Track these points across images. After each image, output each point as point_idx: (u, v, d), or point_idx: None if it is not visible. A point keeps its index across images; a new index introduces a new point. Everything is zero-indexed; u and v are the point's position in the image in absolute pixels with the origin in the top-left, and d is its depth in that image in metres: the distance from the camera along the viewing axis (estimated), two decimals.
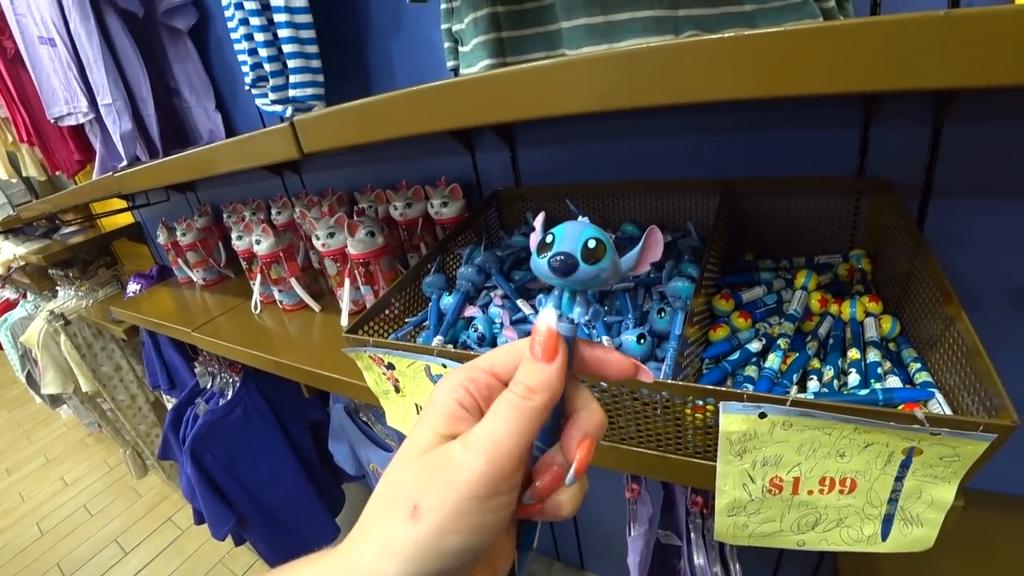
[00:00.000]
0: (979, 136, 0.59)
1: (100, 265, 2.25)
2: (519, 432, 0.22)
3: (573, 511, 0.25)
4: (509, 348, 0.26)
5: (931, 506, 0.40)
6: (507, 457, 0.22)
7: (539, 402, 0.23)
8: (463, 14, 0.55)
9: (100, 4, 1.09)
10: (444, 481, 0.22)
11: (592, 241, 0.23)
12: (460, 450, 0.22)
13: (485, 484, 0.21)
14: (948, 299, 0.45)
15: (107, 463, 2.67)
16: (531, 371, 0.24)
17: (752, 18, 0.45)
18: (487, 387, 0.25)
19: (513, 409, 0.23)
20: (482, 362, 0.26)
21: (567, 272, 0.23)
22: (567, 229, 0.24)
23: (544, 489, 0.25)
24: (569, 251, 0.23)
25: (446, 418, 0.24)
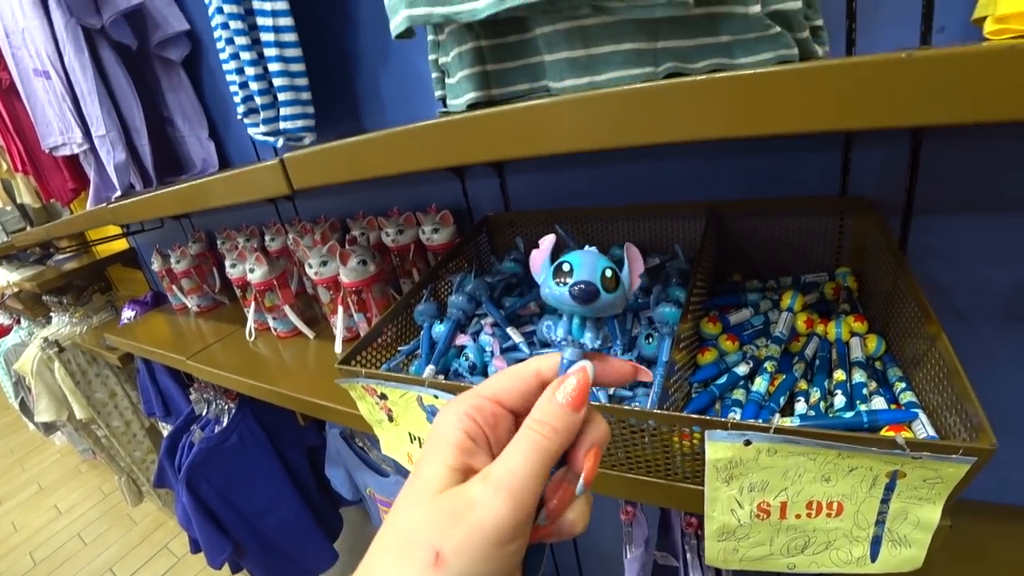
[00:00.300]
0: (957, 154, 0.60)
1: (94, 291, 2.25)
2: (542, 470, 0.22)
3: (585, 527, 0.25)
4: (511, 374, 0.26)
5: (918, 527, 0.40)
6: (531, 498, 0.22)
7: (562, 444, 0.23)
8: (449, 48, 0.56)
9: (94, 37, 1.11)
10: (467, 526, 0.21)
11: (608, 271, 0.24)
12: (482, 491, 0.21)
13: (510, 528, 0.21)
14: (928, 318, 0.46)
15: (102, 490, 2.64)
16: (557, 414, 0.24)
17: (729, 49, 0.46)
18: (492, 415, 0.25)
19: (537, 449, 0.23)
20: (485, 390, 0.26)
21: (588, 300, 0.24)
22: (583, 259, 0.24)
23: (558, 508, 0.24)
24: (590, 280, 0.24)
25: (455, 450, 0.23)
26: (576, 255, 0.25)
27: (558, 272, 0.24)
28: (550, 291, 0.25)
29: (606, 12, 0.44)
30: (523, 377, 0.26)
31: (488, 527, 0.20)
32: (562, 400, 0.24)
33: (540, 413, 0.24)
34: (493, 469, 0.22)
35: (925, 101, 0.27)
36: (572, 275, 0.24)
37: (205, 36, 1.15)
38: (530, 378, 0.26)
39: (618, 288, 0.24)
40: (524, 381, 0.26)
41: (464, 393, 0.26)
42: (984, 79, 0.25)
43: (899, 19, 0.56)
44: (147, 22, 1.12)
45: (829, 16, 0.55)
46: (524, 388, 0.26)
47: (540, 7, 0.43)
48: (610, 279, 0.24)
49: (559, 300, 0.24)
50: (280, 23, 0.79)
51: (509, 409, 0.26)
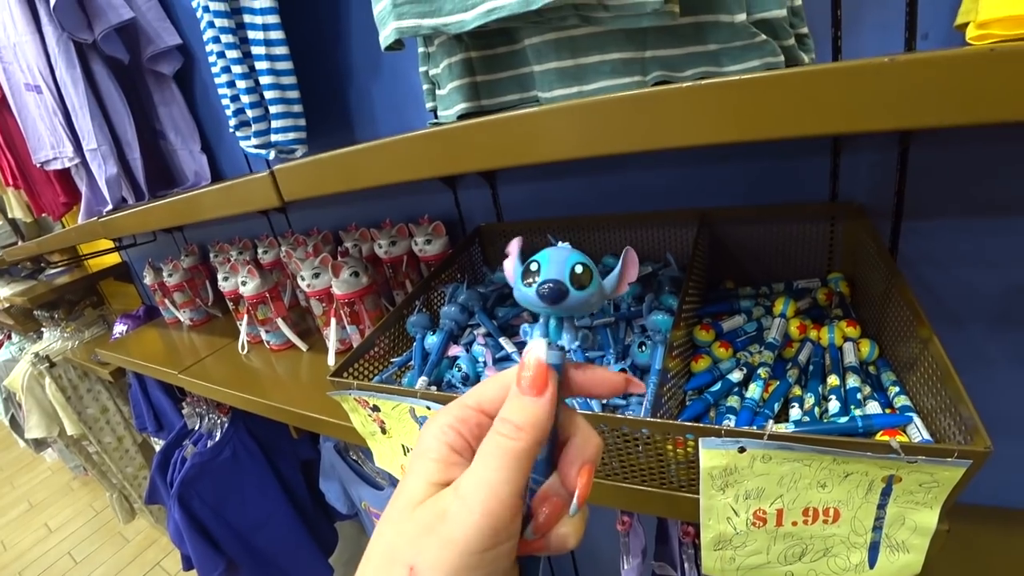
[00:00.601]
0: (944, 158, 0.61)
1: (86, 305, 2.23)
2: (512, 476, 0.21)
3: (578, 542, 0.24)
4: (496, 381, 0.25)
5: (915, 532, 0.40)
6: (503, 505, 0.21)
7: (529, 441, 0.22)
8: (439, 59, 0.56)
9: (86, 51, 1.11)
10: (440, 539, 0.20)
11: (579, 266, 0.23)
12: (451, 502, 0.21)
13: (483, 538, 0.20)
14: (920, 322, 0.46)
15: (93, 507, 2.60)
16: (518, 407, 0.23)
17: (716, 57, 0.46)
18: (477, 426, 0.24)
19: (502, 453, 0.22)
20: (469, 399, 0.25)
21: (557, 299, 0.22)
22: (551, 256, 0.23)
23: (547, 523, 0.23)
24: (557, 278, 0.22)
25: (437, 464, 0.23)
26: (544, 253, 0.23)
27: (527, 272, 0.23)
28: (520, 293, 0.23)
29: (593, 22, 0.45)
30: (507, 384, 0.25)
31: (459, 538, 0.20)
32: (520, 390, 0.23)
33: (504, 411, 0.23)
34: (464, 478, 0.22)
35: (909, 104, 0.28)
36: (540, 274, 0.23)
37: (197, 50, 1.15)
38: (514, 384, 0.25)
39: (591, 284, 0.23)
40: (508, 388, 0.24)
41: (449, 404, 0.25)
42: (966, 82, 0.26)
43: (884, 26, 0.57)
44: (139, 36, 1.13)
45: (815, 24, 0.55)
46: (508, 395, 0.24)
47: (528, 18, 0.44)
48: (581, 275, 0.22)
49: (529, 301, 0.23)
50: (271, 36, 0.80)
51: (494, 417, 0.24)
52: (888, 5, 0.56)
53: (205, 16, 0.81)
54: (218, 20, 0.79)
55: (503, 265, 0.26)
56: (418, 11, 0.45)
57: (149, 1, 1.10)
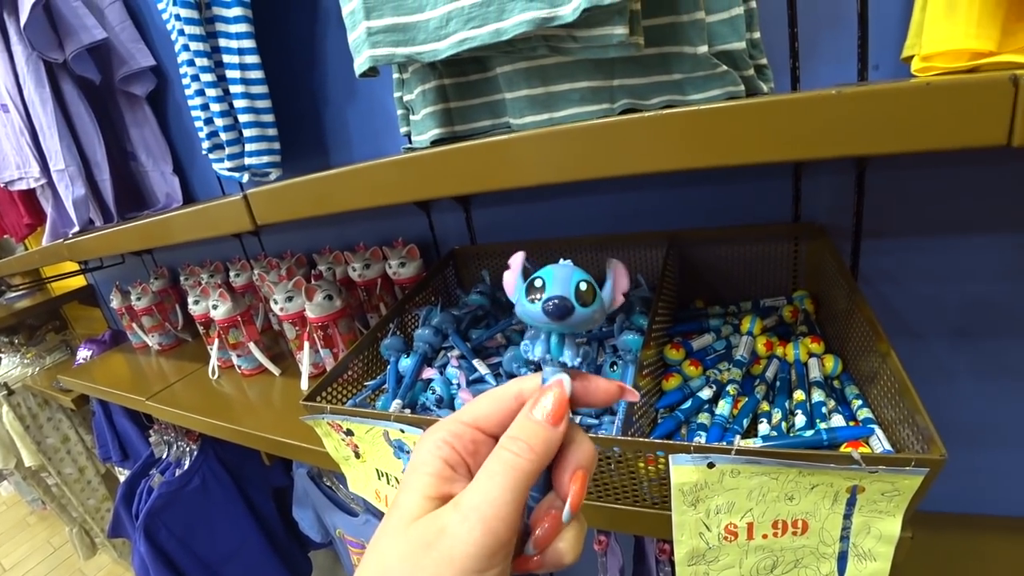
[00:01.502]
0: (900, 180, 0.64)
1: (48, 330, 2.16)
2: (516, 494, 0.21)
3: (575, 557, 0.24)
4: (492, 398, 0.25)
5: (881, 540, 0.41)
6: (504, 523, 0.20)
7: (537, 463, 0.22)
8: (413, 86, 0.57)
9: (56, 71, 1.09)
10: (438, 557, 0.20)
11: (583, 283, 0.23)
12: (452, 518, 0.21)
13: (483, 556, 0.20)
14: (879, 337, 0.48)
15: (51, 543, 2.47)
16: (534, 431, 0.23)
17: (680, 86, 0.48)
18: (472, 442, 0.24)
19: (509, 470, 0.21)
20: (464, 415, 0.25)
21: (563, 316, 0.22)
22: (556, 273, 0.23)
23: (545, 537, 0.23)
24: (563, 294, 0.22)
25: (433, 479, 0.22)
26: (549, 270, 0.24)
27: (531, 288, 0.23)
28: (524, 309, 0.24)
29: (563, 52, 0.46)
30: (504, 400, 0.25)
31: (458, 556, 0.20)
32: (540, 417, 0.23)
33: (514, 430, 0.23)
34: (465, 493, 0.21)
35: (856, 133, 0.29)
36: (545, 290, 0.23)
37: (171, 71, 1.15)
38: (511, 401, 0.25)
39: (595, 301, 0.23)
40: (505, 404, 0.25)
41: (444, 419, 0.25)
42: (906, 112, 0.28)
43: (838, 58, 0.60)
44: (112, 57, 1.12)
45: (774, 55, 0.58)
46: (505, 412, 0.25)
47: (499, 48, 0.45)
48: (585, 292, 0.23)
49: (533, 318, 0.23)
50: (246, 60, 0.80)
51: (490, 434, 0.25)
52: (841, 38, 0.59)
53: (180, 39, 0.81)
54: (193, 43, 0.79)
55: (503, 276, 0.26)
56: (392, 39, 0.46)
57: (123, 22, 1.10)
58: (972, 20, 0.43)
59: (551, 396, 0.23)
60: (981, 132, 0.27)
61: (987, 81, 0.26)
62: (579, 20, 0.38)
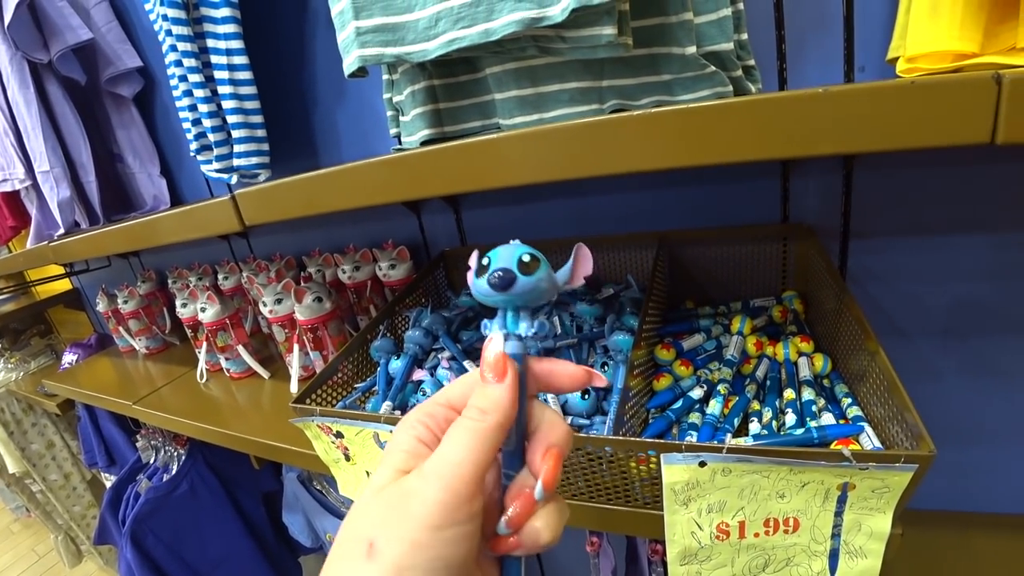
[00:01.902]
0: (886, 181, 0.65)
1: (33, 334, 2.12)
2: (474, 455, 0.22)
3: (553, 539, 0.24)
4: (463, 380, 0.26)
5: (871, 537, 0.41)
6: (463, 482, 0.21)
7: (492, 422, 0.23)
8: (402, 86, 0.57)
9: (40, 71, 1.08)
10: (400, 514, 0.21)
11: (526, 256, 0.24)
12: (415, 480, 0.22)
13: (441, 512, 0.21)
14: (868, 336, 0.48)
15: (35, 552, 2.44)
16: (482, 393, 0.24)
17: (669, 87, 0.49)
18: (445, 420, 0.25)
19: (466, 432, 0.22)
20: (438, 397, 0.26)
21: (506, 286, 0.24)
22: (501, 251, 0.25)
23: (518, 516, 0.23)
24: (506, 266, 0.24)
25: (406, 455, 0.23)
26: (495, 250, 0.25)
27: (480, 269, 0.25)
28: (476, 289, 0.25)
29: (552, 53, 0.46)
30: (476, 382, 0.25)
31: (417, 512, 0.21)
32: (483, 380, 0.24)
33: (470, 401, 0.24)
34: (427, 461, 0.22)
35: (843, 131, 0.30)
36: (489, 267, 0.24)
37: (158, 72, 1.14)
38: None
39: (539, 270, 0.24)
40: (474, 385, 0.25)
41: (421, 403, 0.26)
42: (892, 111, 0.28)
43: (824, 59, 0.61)
44: (98, 57, 1.10)
45: (761, 57, 0.59)
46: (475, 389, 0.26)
47: (489, 48, 0.45)
48: (528, 263, 0.24)
49: (483, 293, 0.25)
50: (234, 60, 0.80)
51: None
52: (828, 40, 0.60)
53: (167, 39, 0.80)
54: (181, 44, 0.78)
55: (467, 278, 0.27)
56: (382, 39, 0.46)
57: (110, 22, 1.08)
58: (955, 22, 0.44)
59: (489, 352, 0.24)
60: (965, 130, 0.27)
61: (970, 80, 0.26)
62: (568, 20, 0.38)
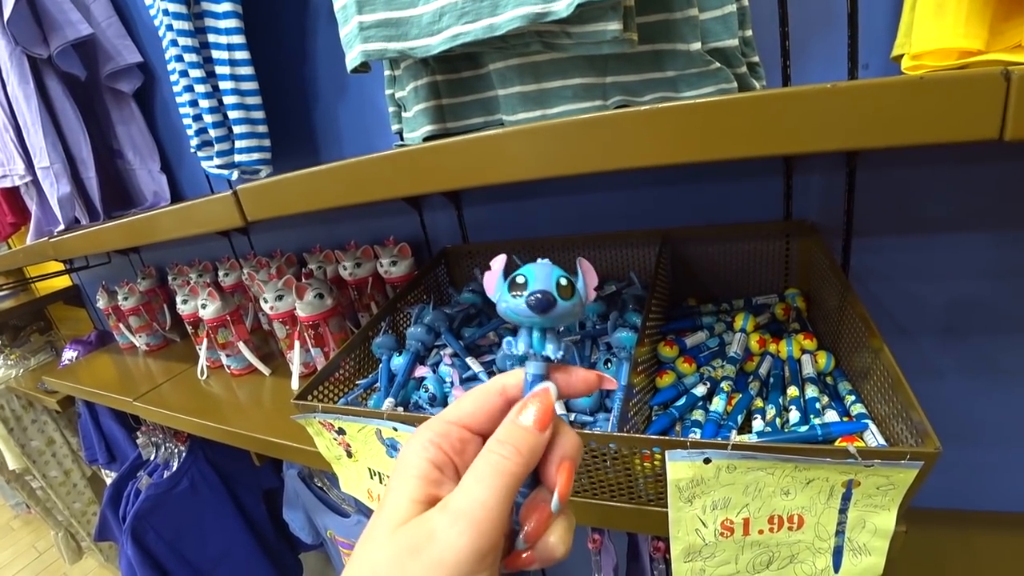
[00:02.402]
0: (889, 179, 0.65)
1: (33, 331, 2.12)
2: (504, 497, 0.21)
3: (566, 552, 0.23)
4: (477, 396, 0.25)
5: (876, 534, 0.41)
6: (493, 526, 0.20)
7: (526, 465, 0.22)
8: (405, 82, 0.57)
9: (40, 67, 1.07)
10: (428, 560, 0.19)
11: (563, 279, 0.24)
12: (441, 521, 0.20)
13: (472, 560, 0.19)
14: (872, 333, 0.48)
15: (36, 548, 2.43)
16: (521, 436, 0.23)
17: (674, 83, 0.48)
18: (459, 441, 0.24)
19: (498, 473, 0.21)
20: (449, 414, 0.25)
21: (546, 309, 0.23)
22: (538, 271, 0.24)
23: (535, 531, 0.23)
24: (545, 289, 0.24)
25: (420, 482, 0.22)
26: (530, 268, 0.25)
27: (513, 285, 0.24)
28: (507, 305, 0.24)
29: (556, 48, 0.46)
30: (488, 398, 0.25)
31: (449, 561, 0.19)
32: (527, 423, 0.23)
33: (502, 434, 0.23)
34: (453, 497, 0.21)
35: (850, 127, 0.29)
36: (527, 287, 0.24)
37: (158, 68, 1.13)
38: (495, 397, 0.25)
39: (574, 296, 0.24)
40: (490, 402, 0.25)
41: (430, 420, 0.25)
42: (900, 107, 0.28)
43: (828, 56, 0.61)
44: (98, 53, 1.10)
45: (765, 54, 0.58)
46: (490, 409, 0.25)
47: (492, 43, 0.45)
48: (565, 287, 0.24)
49: (517, 313, 0.24)
50: (235, 56, 0.79)
51: (476, 432, 0.25)
52: (832, 38, 0.60)
53: (168, 34, 0.80)
54: (182, 39, 0.78)
55: (484, 277, 0.27)
56: (384, 35, 0.46)
57: (110, 17, 1.08)
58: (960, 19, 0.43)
59: (538, 402, 0.24)
60: (974, 126, 0.27)
61: (980, 76, 0.26)
62: (573, 16, 0.38)
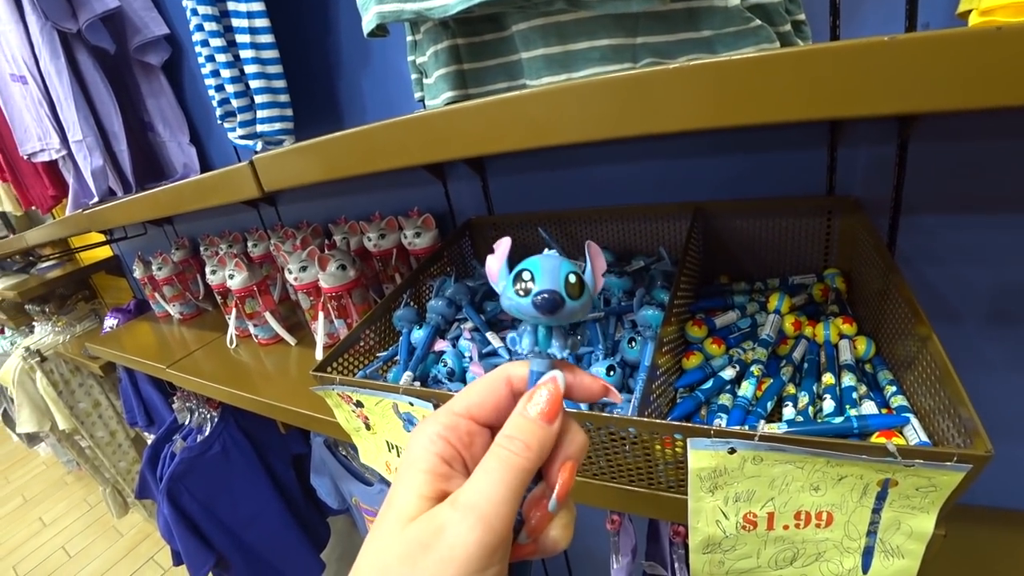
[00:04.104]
0: (945, 153, 0.59)
1: (79, 299, 2.21)
2: (514, 492, 0.21)
3: (567, 543, 0.24)
4: (482, 386, 0.25)
5: (911, 537, 0.39)
6: (502, 521, 0.20)
7: (535, 460, 0.22)
8: (425, 47, 0.55)
9: (71, 41, 1.08)
10: (437, 557, 0.19)
11: (572, 276, 0.22)
12: (451, 517, 0.20)
13: (483, 555, 0.19)
14: (919, 319, 0.45)
15: (87, 502, 2.59)
16: (529, 429, 0.22)
17: (710, 44, 0.45)
18: (467, 434, 0.24)
19: (507, 468, 0.21)
20: (457, 405, 0.24)
21: (554, 310, 0.22)
22: (544, 264, 0.22)
23: (539, 525, 0.23)
24: (553, 288, 0.22)
25: (428, 476, 0.22)
26: (536, 261, 0.23)
27: (518, 280, 0.23)
28: (511, 302, 0.23)
29: (582, 7, 0.43)
30: (495, 387, 0.25)
31: (459, 556, 0.19)
32: (534, 414, 0.23)
33: (511, 429, 0.23)
34: (463, 492, 0.21)
35: (911, 86, 0.26)
36: (534, 283, 0.22)
37: (185, 40, 1.13)
38: (501, 388, 0.25)
39: (583, 294, 0.23)
40: (496, 393, 0.25)
41: (437, 411, 0.25)
42: (972, 63, 0.24)
43: (883, 14, 0.56)
44: (126, 26, 1.10)
45: (813, 11, 0.54)
46: (497, 400, 0.24)
47: (514, 3, 0.42)
48: (574, 285, 0.22)
49: (521, 311, 0.23)
50: (256, 24, 0.78)
51: (484, 423, 0.24)
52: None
53: (189, 3, 0.79)
54: (202, 7, 0.77)
55: (487, 261, 0.25)
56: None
57: None
58: None
59: (545, 393, 0.23)
60: None
61: None
62: None
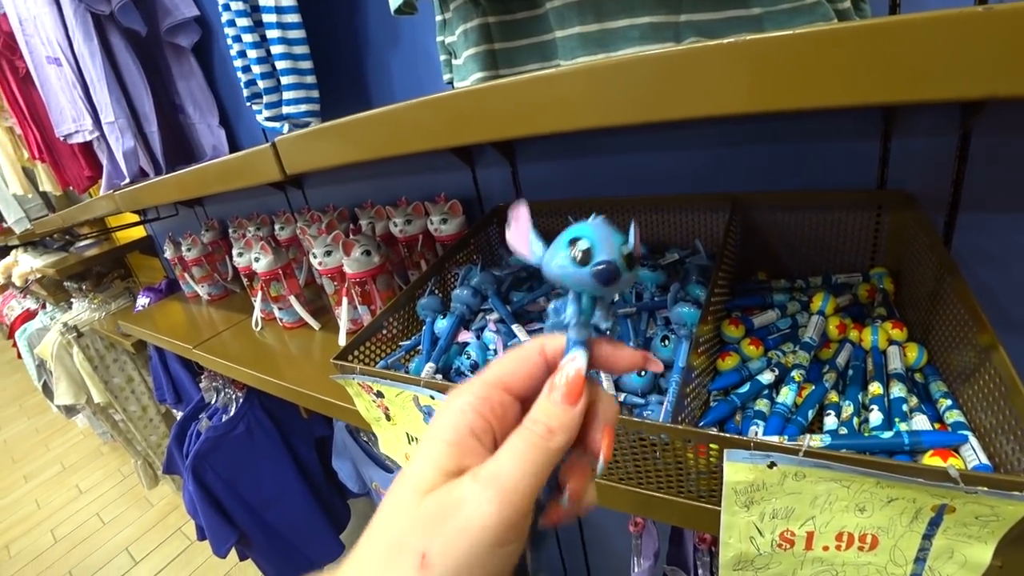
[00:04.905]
0: (1013, 145, 0.54)
1: (115, 277, 2.28)
2: (538, 473, 0.21)
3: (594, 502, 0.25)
4: (516, 356, 0.24)
5: (964, 567, 0.35)
6: (524, 499, 0.20)
7: (560, 443, 0.22)
8: (454, 26, 0.52)
9: (103, 23, 1.09)
10: (455, 526, 0.19)
11: (624, 247, 0.22)
12: (472, 489, 0.20)
13: (500, 531, 0.19)
14: (981, 327, 0.41)
15: (121, 472, 2.69)
16: (553, 412, 0.22)
17: (760, 22, 0.41)
18: (500, 405, 0.23)
19: (533, 448, 0.21)
20: (490, 375, 0.24)
21: (610, 281, 0.21)
22: (598, 233, 0.21)
23: (578, 490, 0.24)
24: (611, 259, 0.21)
25: (451, 449, 0.21)
26: (586, 228, 0.22)
27: (572, 246, 0.22)
28: (564, 270, 0.22)
29: None
30: (529, 357, 0.24)
31: (475, 528, 0.19)
32: (559, 399, 0.22)
33: (537, 412, 0.22)
34: (486, 466, 0.21)
35: (989, 68, 0.22)
36: (593, 253, 0.21)
37: (215, 22, 1.13)
38: (535, 357, 0.24)
39: (634, 267, 0.22)
40: (530, 363, 0.24)
41: (470, 381, 0.24)
42: None
43: None
44: (156, 8, 1.10)
45: None
46: (530, 370, 0.24)
47: None
48: (627, 256, 0.22)
49: (576, 279, 0.22)
50: (282, 3, 0.76)
51: (516, 395, 0.24)
52: None
53: None
54: None
55: (508, 233, 0.24)
56: None
57: None
58: None
59: (564, 378, 0.23)
60: None
61: None
62: None
